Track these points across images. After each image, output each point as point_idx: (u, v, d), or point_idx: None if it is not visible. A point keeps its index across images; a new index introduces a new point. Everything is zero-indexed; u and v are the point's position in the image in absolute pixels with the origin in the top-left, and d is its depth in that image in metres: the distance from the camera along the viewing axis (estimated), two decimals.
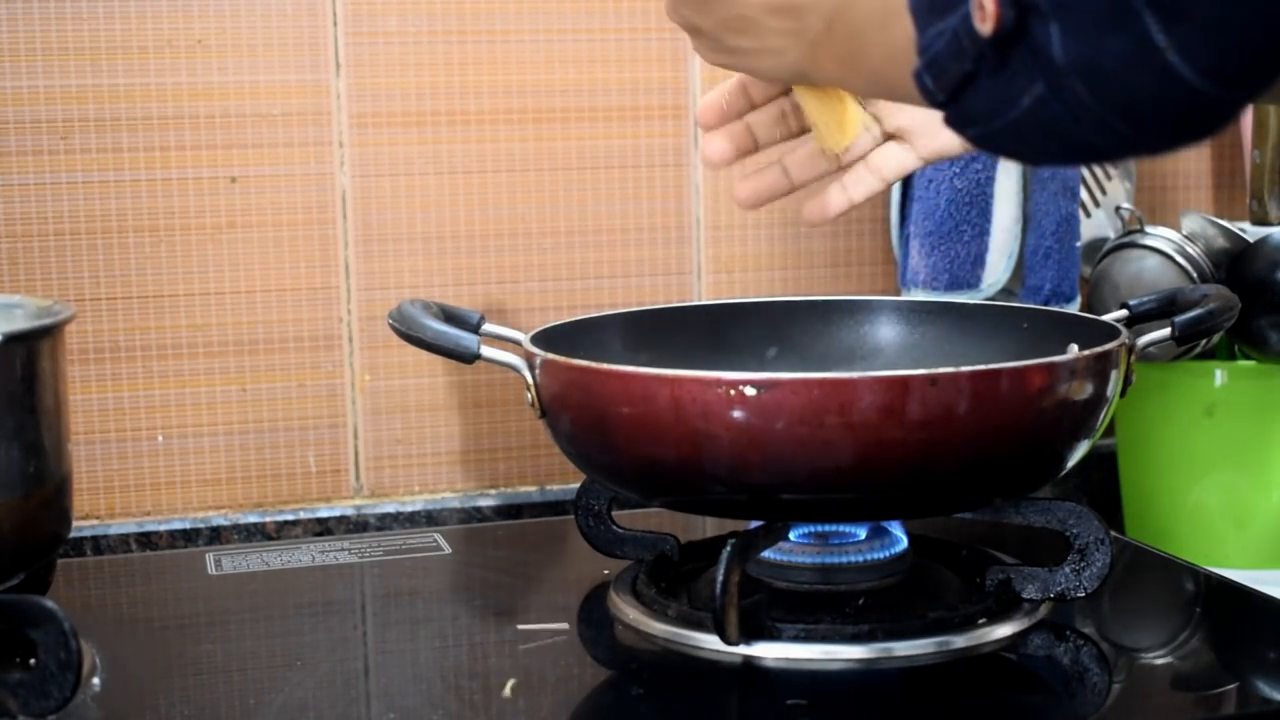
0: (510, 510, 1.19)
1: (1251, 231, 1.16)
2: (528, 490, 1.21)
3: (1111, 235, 1.23)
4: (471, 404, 1.19)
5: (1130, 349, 0.88)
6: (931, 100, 0.59)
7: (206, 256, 1.13)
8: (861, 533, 0.92)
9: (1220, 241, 1.15)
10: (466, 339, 0.90)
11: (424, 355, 0.93)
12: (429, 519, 1.18)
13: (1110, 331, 0.90)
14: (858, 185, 0.87)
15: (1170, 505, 1.19)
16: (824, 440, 0.78)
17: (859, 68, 0.67)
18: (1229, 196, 1.34)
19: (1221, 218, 1.18)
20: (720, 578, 0.79)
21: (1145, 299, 0.99)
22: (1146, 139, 0.54)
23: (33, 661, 0.71)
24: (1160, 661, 0.89)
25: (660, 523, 1.00)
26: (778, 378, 0.79)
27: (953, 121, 0.59)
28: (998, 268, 1.15)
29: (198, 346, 1.14)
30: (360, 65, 1.15)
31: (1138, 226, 1.17)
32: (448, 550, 1.07)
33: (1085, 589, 0.85)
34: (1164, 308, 0.98)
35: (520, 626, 0.88)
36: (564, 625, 0.90)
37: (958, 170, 1.13)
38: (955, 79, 0.56)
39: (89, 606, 0.99)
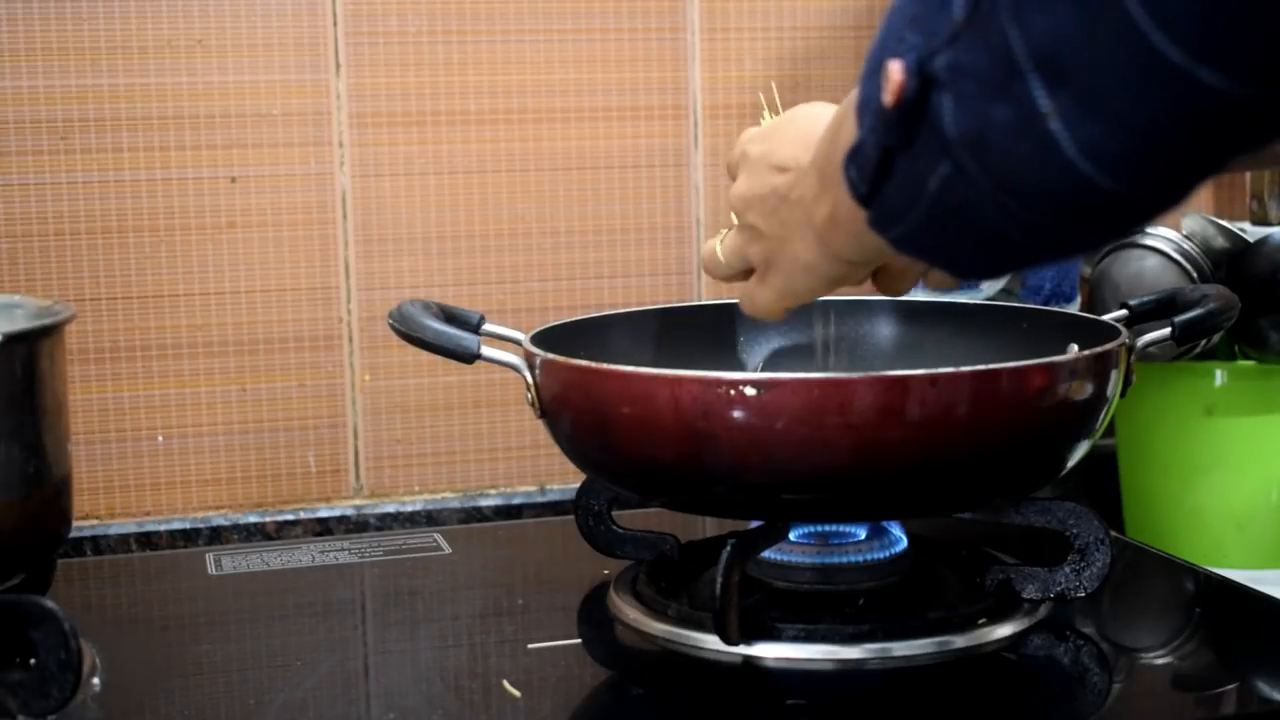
0: (510, 510, 1.19)
1: (1251, 231, 1.16)
2: (528, 490, 1.21)
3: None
4: (471, 404, 1.19)
5: (1130, 349, 0.88)
6: (856, 194, 0.56)
7: (206, 256, 1.13)
8: (861, 533, 0.91)
9: (1220, 241, 1.15)
10: (466, 339, 0.90)
11: (424, 355, 0.92)
12: (429, 519, 1.18)
13: (1110, 331, 0.90)
14: None
15: (1170, 505, 1.19)
16: (824, 440, 0.78)
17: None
18: (1229, 196, 1.34)
19: (1221, 218, 1.18)
20: (720, 578, 0.79)
21: (1145, 299, 0.99)
22: (1047, 226, 0.51)
23: (33, 661, 0.71)
24: (1160, 661, 0.88)
25: (660, 523, 1.00)
26: (778, 378, 0.79)
27: (875, 223, 0.57)
28: None
29: (198, 346, 1.14)
30: (360, 65, 1.15)
31: None
32: (448, 550, 1.07)
33: (1085, 589, 0.85)
34: (1164, 308, 0.98)
35: (530, 646, 0.87)
36: (576, 641, 0.90)
37: None
38: (873, 165, 0.54)
39: (89, 606, 0.99)
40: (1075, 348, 0.88)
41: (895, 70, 0.50)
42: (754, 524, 0.88)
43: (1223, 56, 0.43)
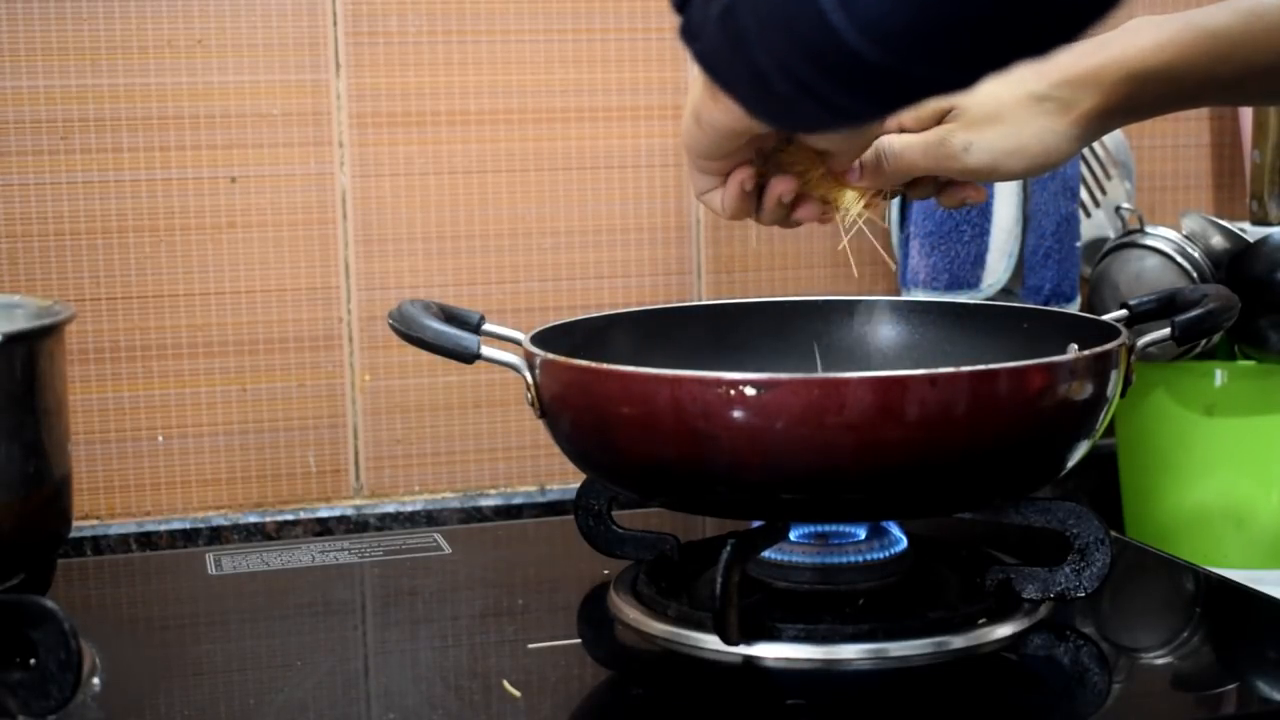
0: (510, 510, 1.19)
1: (1251, 231, 1.16)
2: (528, 490, 1.21)
3: (1111, 235, 1.23)
4: (471, 404, 1.19)
5: (1130, 349, 0.88)
6: (671, 2, 0.56)
7: (206, 256, 1.13)
8: (861, 533, 0.91)
9: (1220, 241, 1.15)
10: (466, 339, 0.90)
11: (424, 355, 0.92)
12: (429, 519, 1.18)
13: (1110, 331, 0.90)
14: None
15: (1170, 505, 1.19)
16: (824, 440, 0.78)
17: None
18: (1229, 196, 1.34)
19: (1221, 218, 1.18)
20: (720, 578, 0.79)
21: (1145, 299, 0.99)
22: (810, 83, 0.48)
23: (33, 661, 0.71)
24: (1160, 661, 0.89)
25: (660, 523, 1.00)
26: (778, 378, 0.79)
27: (683, 32, 0.56)
28: (998, 268, 1.15)
29: (198, 346, 1.14)
30: (360, 65, 1.15)
31: (1138, 226, 1.17)
32: (448, 550, 1.07)
33: (1085, 589, 0.85)
34: (1164, 308, 0.98)
35: (530, 646, 0.87)
36: (576, 641, 0.90)
37: None
38: None
39: (89, 606, 0.99)
40: (1075, 348, 0.88)
41: None
42: (754, 524, 0.88)
43: None
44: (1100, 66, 0.83)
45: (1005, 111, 0.84)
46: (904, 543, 0.92)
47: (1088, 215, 1.25)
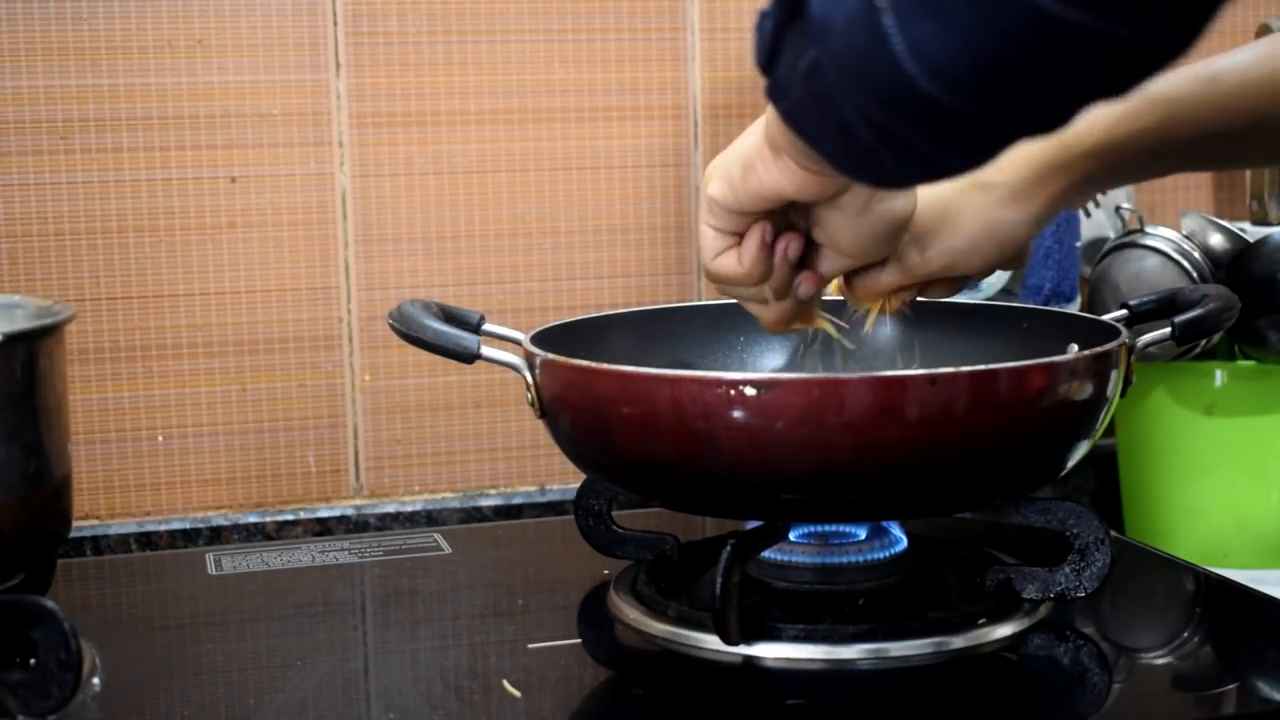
0: (510, 510, 1.19)
1: (1251, 231, 1.16)
2: (528, 490, 1.21)
3: (1111, 235, 1.23)
4: (471, 404, 1.19)
5: (1130, 349, 0.88)
6: (759, 61, 0.56)
7: (206, 256, 1.13)
8: (861, 533, 0.91)
9: (1220, 241, 1.15)
10: (466, 339, 0.90)
11: (424, 355, 0.92)
12: (429, 519, 1.18)
13: (1110, 331, 0.90)
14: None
15: (1170, 505, 1.19)
16: (824, 440, 0.78)
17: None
18: (1229, 196, 1.34)
19: (1221, 218, 1.18)
20: (720, 578, 0.79)
21: (1145, 299, 0.99)
22: (888, 129, 0.49)
23: (33, 661, 0.71)
24: (1160, 661, 0.88)
25: (660, 523, 1.00)
26: (778, 378, 0.79)
27: (770, 93, 0.57)
28: None
29: (198, 346, 1.14)
30: (360, 65, 1.15)
31: (1138, 226, 1.17)
32: (448, 550, 1.07)
33: (1085, 589, 0.85)
34: (1164, 308, 0.98)
35: (530, 646, 0.87)
36: (576, 641, 0.89)
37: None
38: (768, 36, 0.54)
39: (89, 606, 0.99)
40: (1075, 348, 0.88)
41: None
42: (754, 524, 0.87)
43: None
44: (1062, 150, 0.82)
45: (951, 208, 0.83)
46: (904, 543, 0.92)
47: (1088, 215, 1.25)
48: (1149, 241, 1.15)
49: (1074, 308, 1.16)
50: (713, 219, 0.80)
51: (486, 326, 0.97)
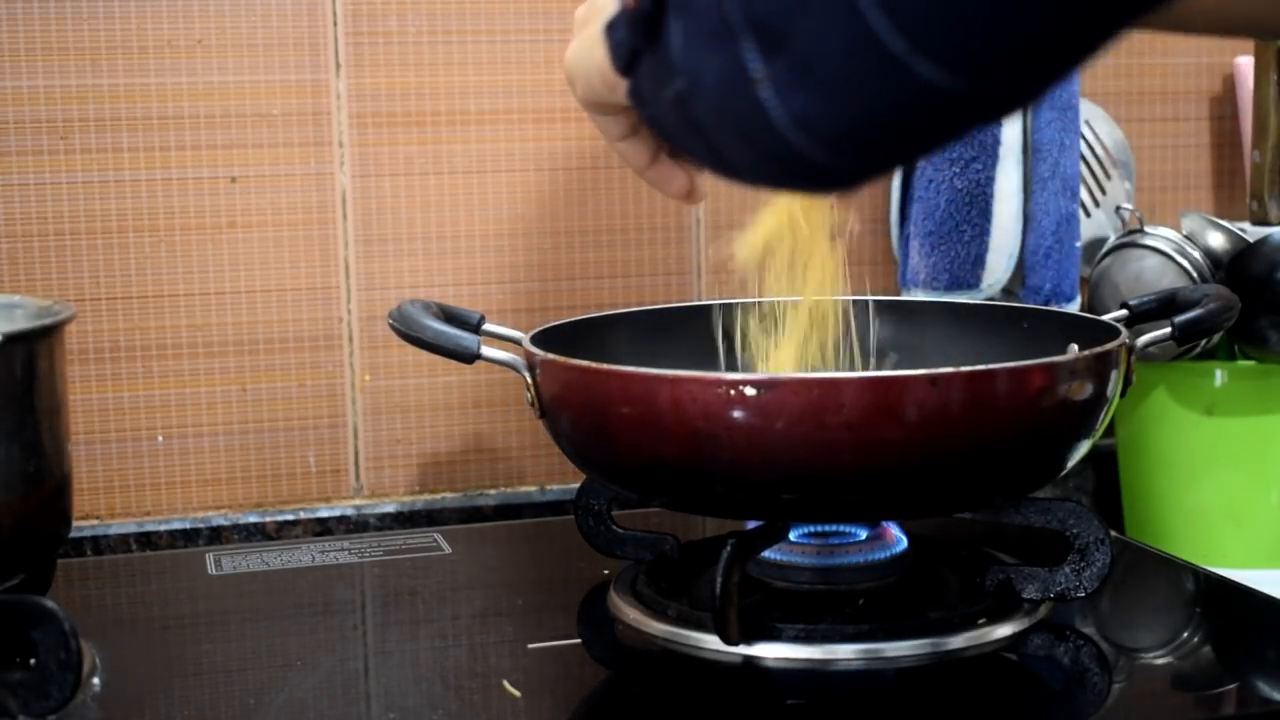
0: (510, 510, 1.19)
1: (1251, 231, 1.16)
2: (528, 490, 1.21)
3: (1111, 235, 1.23)
4: (471, 404, 1.19)
5: (1130, 349, 0.88)
6: (615, 64, 0.55)
7: (206, 256, 1.13)
8: (861, 533, 0.92)
9: (1220, 241, 1.15)
10: (466, 339, 0.90)
11: (424, 355, 0.93)
12: (429, 519, 1.18)
13: (1110, 331, 0.90)
14: None
15: (1170, 505, 1.19)
16: (824, 440, 0.78)
17: None
18: (1229, 196, 1.34)
19: (1221, 218, 1.18)
20: (720, 578, 0.79)
21: (1145, 299, 0.99)
22: (762, 170, 0.50)
23: (33, 661, 0.71)
24: (1160, 661, 0.89)
25: (660, 523, 1.00)
26: (778, 378, 0.79)
27: (631, 96, 0.55)
28: (998, 268, 1.15)
29: (198, 346, 1.14)
30: (360, 65, 1.15)
31: (1138, 226, 1.17)
32: (448, 550, 1.07)
33: (1085, 589, 0.85)
34: (1164, 308, 0.98)
35: (530, 646, 0.87)
36: (576, 641, 0.89)
37: (958, 170, 1.14)
38: (625, 51, 0.53)
39: (89, 606, 0.99)
40: (1075, 348, 0.88)
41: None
42: (754, 524, 0.87)
43: (944, 51, 0.42)
44: None
45: None
46: (904, 543, 0.92)
47: (1088, 215, 1.25)
48: (1149, 241, 1.15)
49: (1074, 308, 1.16)
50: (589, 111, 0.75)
51: (486, 326, 0.97)
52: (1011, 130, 1.14)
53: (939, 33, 0.41)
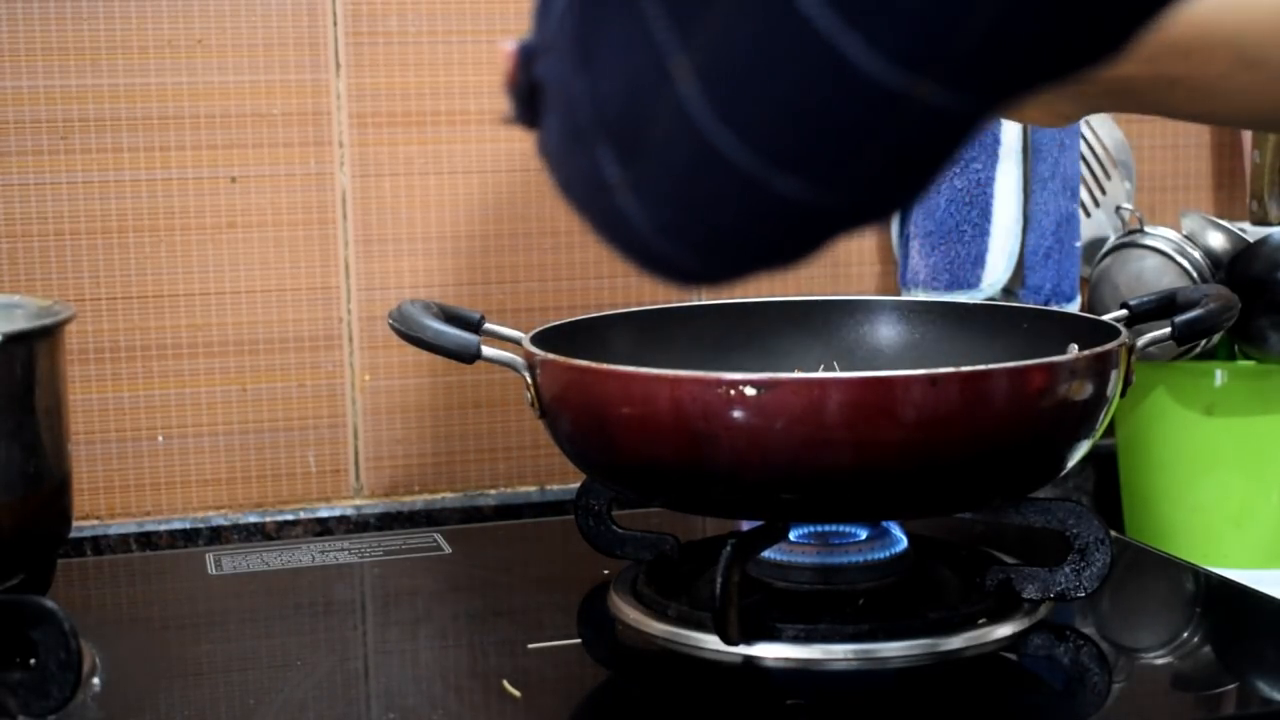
0: (510, 510, 1.19)
1: (1251, 231, 1.16)
2: (528, 490, 1.21)
3: (1111, 235, 1.23)
4: (471, 404, 1.19)
5: (1130, 349, 0.88)
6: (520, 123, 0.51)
7: (206, 256, 1.13)
8: (861, 533, 0.91)
9: (1220, 241, 1.15)
10: (466, 339, 0.90)
11: (424, 355, 0.92)
12: (429, 519, 1.17)
13: (1110, 331, 0.90)
14: None
15: (1170, 505, 1.19)
16: (824, 440, 0.78)
17: None
18: (1229, 196, 1.34)
19: (1221, 218, 1.18)
20: (720, 578, 0.79)
21: (1145, 299, 0.99)
22: (643, 266, 0.47)
23: (33, 661, 0.71)
24: (1160, 661, 0.89)
25: (660, 523, 1.00)
26: (778, 378, 0.79)
27: (529, 126, 0.51)
28: (998, 268, 1.15)
29: (198, 346, 1.14)
30: (360, 65, 1.15)
31: (1138, 226, 1.17)
32: (448, 550, 1.07)
33: (1085, 589, 0.85)
34: (1164, 308, 0.98)
35: (530, 646, 0.87)
36: (576, 641, 0.89)
37: (958, 170, 1.14)
38: (520, 107, 0.49)
39: (89, 606, 0.99)
40: (1075, 348, 0.88)
41: (507, 53, 0.45)
42: (754, 524, 0.87)
43: (805, 167, 0.39)
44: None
45: None
46: (904, 543, 0.92)
47: (1088, 215, 1.25)
48: (1149, 241, 1.15)
49: (1074, 308, 1.16)
50: None
51: (486, 326, 0.97)
52: (1011, 130, 1.14)
53: (794, 147, 0.39)
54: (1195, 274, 1.13)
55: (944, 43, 0.36)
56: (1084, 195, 1.25)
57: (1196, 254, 1.14)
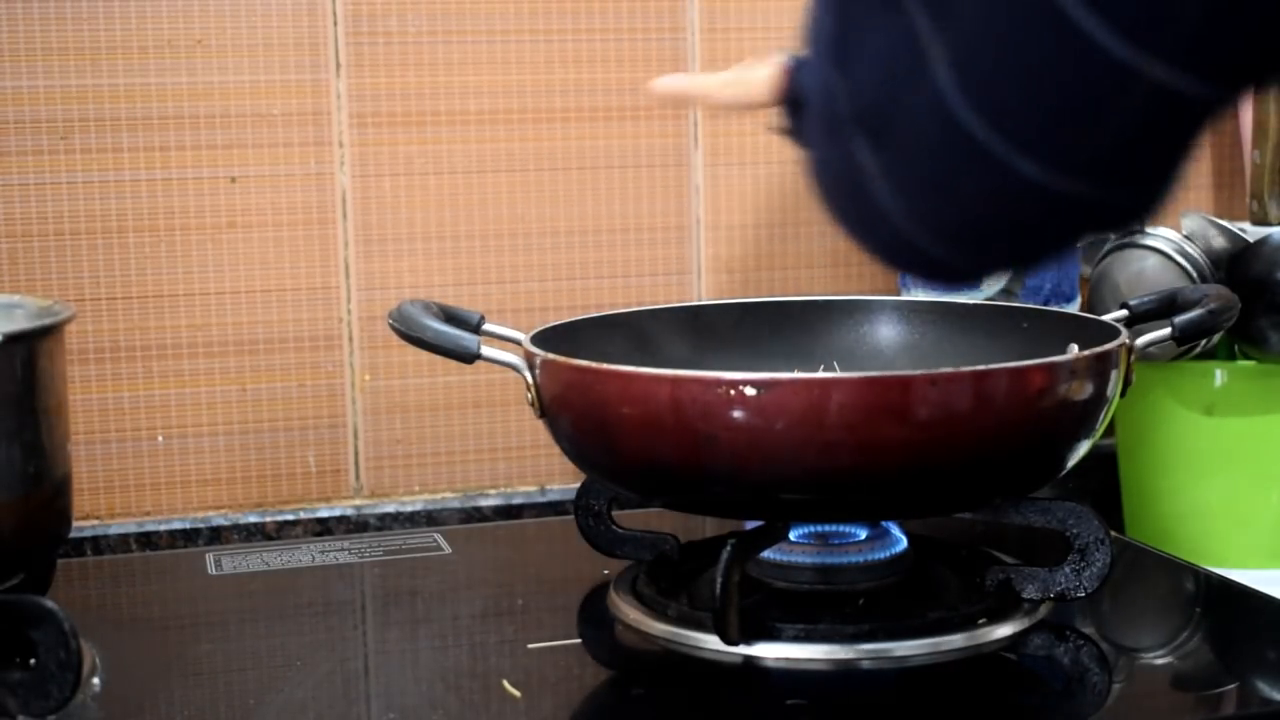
0: (510, 510, 1.19)
1: (1251, 231, 1.16)
2: (528, 490, 1.21)
3: (1112, 235, 1.23)
4: (471, 404, 1.19)
5: (1130, 349, 0.88)
6: (784, 125, 0.57)
7: (206, 256, 1.13)
8: (861, 533, 0.91)
9: (1220, 241, 1.15)
10: (466, 339, 0.90)
11: (424, 355, 0.92)
12: (429, 519, 1.17)
13: (1110, 331, 0.90)
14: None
15: (1170, 505, 1.19)
16: (824, 440, 0.78)
17: None
18: (1229, 196, 1.34)
19: (1221, 218, 1.17)
20: (720, 578, 0.79)
21: (1145, 299, 0.99)
22: (877, 259, 0.50)
23: (33, 661, 0.71)
24: (1160, 661, 0.89)
25: (660, 523, 1.00)
26: (778, 378, 0.79)
27: (794, 136, 0.57)
28: None
29: (198, 346, 1.14)
30: (360, 65, 1.15)
31: (1138, 226, 1.17)
32: (448, 550, 1.07)
33: (1085, 589, 0.85)
34: (1164, 308, 0.98)
35: (530, 646, 0.87)
36: (576, 641, 0.89)
37: None
38: (787, 116, 0.54)
39: (89, 606, 0.99)
40: (1075, 348, 0.88)
41: (777, 65, 0.50)
42: (754, 524, 0.87)
43: (1044, 149, 0.41)
44: None
45: None
46: (904, 543, 0.92)
47: None
48: (1149, 241, 1.15)
49: (1074, 308, 1.16)
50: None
51: (486, 326, 0.97)
52: None
53: (1037, 130, 0.41)
54: (1195, 274, 1.13)
55: (1167, 20, 0.38)
56: None
57: (1196, 254, 1.14)
